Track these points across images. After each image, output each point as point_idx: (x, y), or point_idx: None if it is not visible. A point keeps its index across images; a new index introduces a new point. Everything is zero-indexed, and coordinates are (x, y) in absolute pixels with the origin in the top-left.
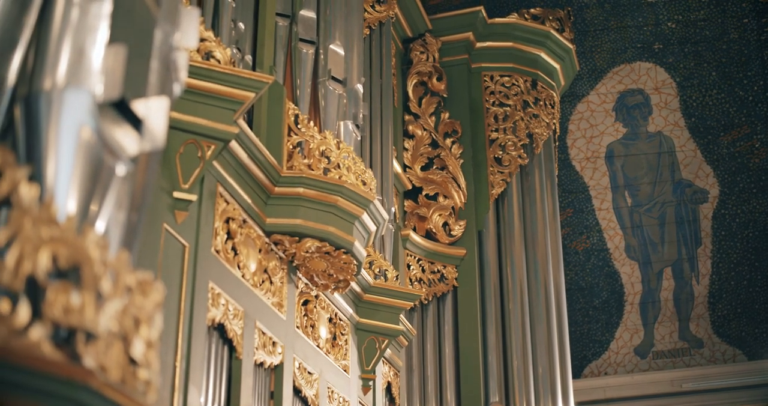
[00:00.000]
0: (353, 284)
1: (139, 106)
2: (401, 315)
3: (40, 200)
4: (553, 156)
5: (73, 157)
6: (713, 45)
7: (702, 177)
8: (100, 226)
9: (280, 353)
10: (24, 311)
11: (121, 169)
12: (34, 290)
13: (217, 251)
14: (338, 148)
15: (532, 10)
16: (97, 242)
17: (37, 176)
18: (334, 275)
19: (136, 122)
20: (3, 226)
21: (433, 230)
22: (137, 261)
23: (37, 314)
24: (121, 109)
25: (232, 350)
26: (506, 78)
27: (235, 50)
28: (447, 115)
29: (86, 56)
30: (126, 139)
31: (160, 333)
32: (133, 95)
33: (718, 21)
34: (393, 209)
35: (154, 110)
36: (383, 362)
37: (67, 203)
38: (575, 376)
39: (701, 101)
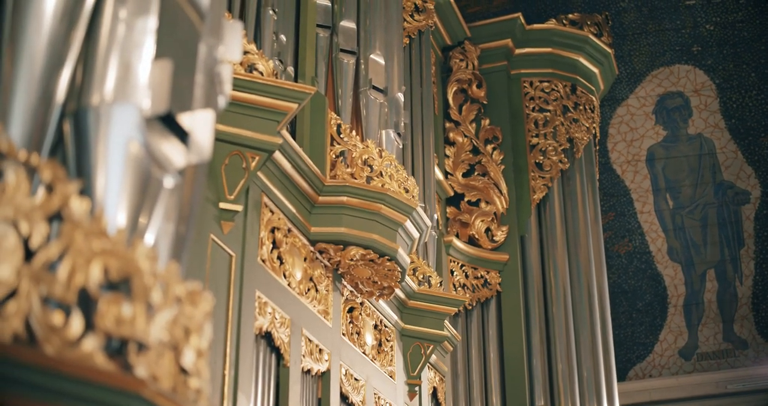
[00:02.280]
0: (397, 291)
1: (185, 120)
2: (446, 321)
3: (90, 214)
4: (593, 160)
5: (121, 171)
6: (752, 46)
7: (743, 178)
8: (149, 238)
9: (326, 360)
10: (77, 323)
11: (168, 182)
12: (87, 302)
13: (263, 261)
14: (380, 156)
15: (570, 16)
16: (146, 253)
17: (87, 190)
18: (379, 282)
19: (182, 135)
20: (55, 239)
21: (476, 236)
22: (186, 272)
23: (89, 325)
24: (167, 122)
25: (279, 357)
26: (546, 83)
27: (277, 62)
28: (487, 121)
29: (133, 71)
30: (173, 152)
31: (210, 342)
32: (180, 109)
33: (757, 22)
34: (435, 216)
35: (200, 123)
36: (428, 367)
37: (117, 216)
38: (620, 379)
39: (741, 103)
